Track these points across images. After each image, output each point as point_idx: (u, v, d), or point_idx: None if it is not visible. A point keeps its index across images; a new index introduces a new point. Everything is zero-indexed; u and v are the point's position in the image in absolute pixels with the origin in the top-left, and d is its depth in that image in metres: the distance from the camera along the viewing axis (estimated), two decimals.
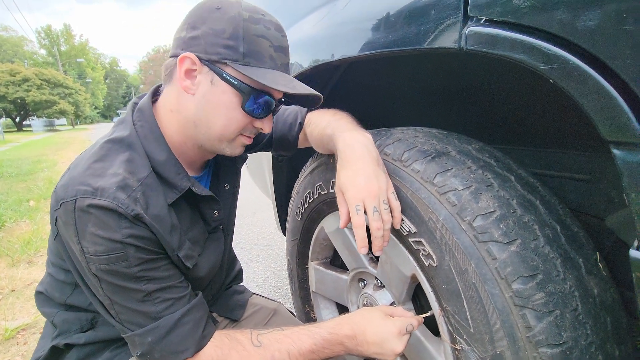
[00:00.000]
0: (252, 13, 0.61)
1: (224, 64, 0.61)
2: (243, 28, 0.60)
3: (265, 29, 0.62)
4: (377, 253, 0.66)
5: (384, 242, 0.65)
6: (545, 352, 0.50)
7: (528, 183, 0.65)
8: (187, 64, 0.61)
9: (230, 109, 0.64)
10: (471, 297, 0.57)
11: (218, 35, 0.60)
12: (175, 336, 0.62)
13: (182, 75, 0.62)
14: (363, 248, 0.65)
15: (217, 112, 0.64)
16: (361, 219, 0.64)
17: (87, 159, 0.62)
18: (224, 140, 0.67)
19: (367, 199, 0.63)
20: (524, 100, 0.80)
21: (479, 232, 0.56)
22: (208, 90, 0.63)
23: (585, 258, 0.58)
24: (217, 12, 0.60)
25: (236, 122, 0.65)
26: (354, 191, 0.64)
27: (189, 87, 0.63)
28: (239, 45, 0.60)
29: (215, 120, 0.65)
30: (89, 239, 0.57)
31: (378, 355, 0.66)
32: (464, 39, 0.50)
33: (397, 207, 0.66)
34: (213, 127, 0.65)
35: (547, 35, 0.42)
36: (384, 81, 1.09)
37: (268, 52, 0.62)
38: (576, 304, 0.53)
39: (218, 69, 0.61)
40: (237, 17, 0.60)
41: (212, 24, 0.60)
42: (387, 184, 0.66)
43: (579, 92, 0.39)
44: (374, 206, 0.63)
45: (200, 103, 0.64)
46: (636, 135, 0.36)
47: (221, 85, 0.62)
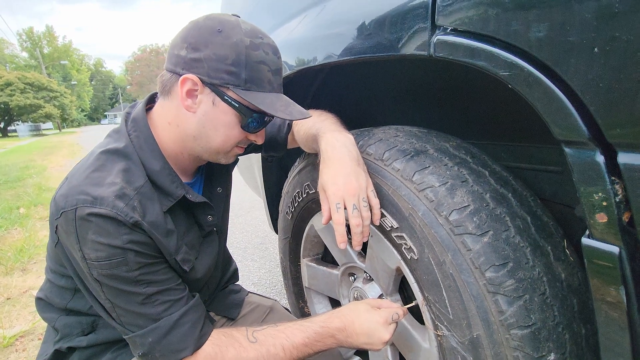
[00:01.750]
0: (253, 38, 0.64)
1: (226, 88, 0.64)
2: (245, 55, 0.63)
3: (264, 54, 0.65)
4: (356, 248, 0.70)
5: (363, 237, 0.69)
6: (517, 334, 0.55)
7: (501, 177, 0.69)
8: (189, 85, 0.64)
9: (229, 128, 0.68)
10: (449, 286, 0.61)
11: (221, 61, 0.62)
12: (174, 336, 0.65)
13: (184, 95, 0.65)
14: (342, 243, 0.69)
15: (217, 130, 0.68)
16: (341, 216, 0.68)
17: (85, 169, 0.64)
18: (221, 152, 0.72)
19: (347, 197, 0.67)
20: (497, 97, 0.84)
21: (454, 226, 0.60)
22: (209, 110, 0.66)
23: (553, 246, 0.62)
24: (219, 35, 0.63)
25: (234, 138, 0.70)
26: (334, 189, 0.68)
27: (190, 106, 0.66)
28: (241, 72, 0.63)
29: (214, 136, 0.69)
30: (90, 246, 0.60)
31: (367, 345, 0.70)
32: (433, 46, 0.54)
33: (376, 204, 0.70)
34: (212, 142, 0.69)
35: (505, 44, 0.45)
36: (365, 83, 1.13)
37: (267, 77, 0.66)
38: (544, 288, 0.57)
39: (220, 92, 0.65)
40: (240, 44, 0.63)
41: (215, 49, 0.62)
42: (366, 182, 0.70)
43: (533, 97, 0.43)
44: (354, 204, 0.67)
45: (200, 121, 0.67)
46: (583, 135, 0.40)
47: (222, 107, 0.66)
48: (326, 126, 0.80)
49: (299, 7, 0.97)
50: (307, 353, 0.70)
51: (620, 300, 0.41)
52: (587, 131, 0.39)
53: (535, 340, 0.54)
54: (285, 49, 1.00)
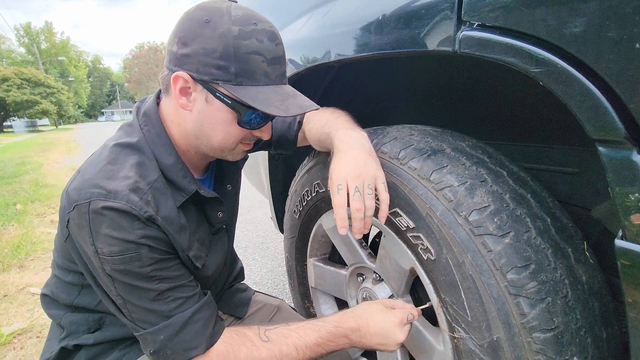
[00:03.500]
0: (243, 26, 0.59)
1: (217, 84, 0.60)
2: (234, 46, 0.58)
3: (257, 43, 0.60)
4: (355, 235, 0.66)
5: (363, 227, 0.65)
6: (539, 337, 0.54)
7: (519, 178, 0.68)
8: (181, 83, 0.61)
9: (226, 125, 0.65)
10: (468, 287, 0.60)
11: (209, 55, 0.59)
12: (186, 334, 0.63)
13: (178, 93, 0.62)
14: (343, 229, 0.65)
15: (215, 128, 0.65)
16: (342, 198, 0.64)
17: (97, 162, 0.63)
18: (224, 150, 0.69)
19: (350, 179, 0.64)
20: (515, 97, 0.84)
21: (474, 226, 0.59)
22: (204, 108, 0.63)
23: (574, 248, 0.62)
24: (207, 27, 0.59)
25: (234, 135, 0.66)
26: (337, 173, 0.66)
27: (185, 105, 0.64)
28: (230, 66, 0.59)
29: (213, 134, 0.66)
30: (103, 240, 0.58)
31: (381, 345, 0.69)
32: (458, 42, 0.53)
33: (385, 199, 0.66)
34: (212, 140, 0.67)
35: (536, 40, 0.44)
36: (377, 80, 1.11)
37: (261, 68, 0.61)
38: (566, 290, 0.56)
39: (212, 88, 0.61)
40: (227, 35, 0.58)
41: (202, 42, 0.59)
42: (377, 173, 0.67)
43: (566, 94, 0.42)
44: (356, 186, 0.64)
45: (197, 119, 0.65)
46: (619, 134, 0.39)
47: (215, 104, 0.62)
48: (339, 124, 0.79)
49: (310, 5, 0.96)
50: (320, 353, 0.69)
51: None
52: (625, 130, 0.38)
53: (558, 344, 0.53)
54: (294, 46, 0.99)
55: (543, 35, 0.43)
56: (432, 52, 0.57)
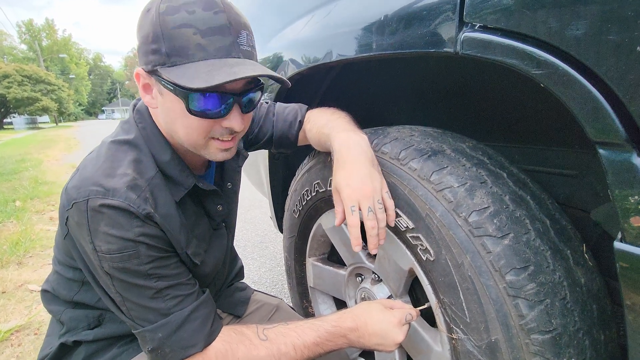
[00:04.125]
0: (171, 1, 0.54)
1: (157, 71, 0.56)
2: (160, 24, 0.54)
3: (187, 14, 0.53)
4: (372, 251, 0.69)
5: (379, 240, 0.67)
6: (537, 339, 0.54)
7: (519, 179, 0.68)
8: (141, 79, 0.61)
9: (181, 117, 0.59)
10: (467, 288, 0.60)
11: (145, 42, 0.56)
12: (185, 331, 0.63)
13: (142, 92, 0.62)
14: (357, 247, 0.68)
15: (175, 121, 0.61)
16: (356, 219, 0.67)
17: (96, 160, 0.63)
18: (196, 147, 0.63)
19: (362, 199, 0.66)
20: (515, 99, 0.84)
21: (474, 227, 0.59)
22: (161, 102, 0.61)
23: (573, 250, 0.62)
24: (146, 15, 0.56)
25: (195, 128, 0.60)
26: (349, 191, 0.67)
27: (150, 103, 0.63)
28: (162, 46, 0.54)
29: (176, 129, 0.62)
30: (101, 238, 0.58)
31: (380, 346, 0.69)
32: (460, 43, 0.53)
33: (390, 205, 0.69)
34: (179, 136, 0.63)
35: (538, 42, 0.44)
36: (379, 81, 1.12)
37: (193, 41, 0.54)
38: (565, 293, 0.56)
39: (158, 77, 0.57)
40: (154, 14, 0.54)
41: (141, 31, 0.57)
42: (381, 184, 0.68)
43: (567, 96, 0.42)
44: (369, 206, 0.66)
45: (162, 115, 0.64)
46: (620, 136, 0.39)
47: (166, 94, 0.59)
48: (339, 125, 0.79)
49: (312, 5, 0.96)
50: (318, 353, 0.69)
51: None
52: (625, 132, 0.39)
53: (556, 346, 0.53)
54: (295, 46, 0.99)
55: (545, 37, 0.43)
56: (434, 53, 0.57)
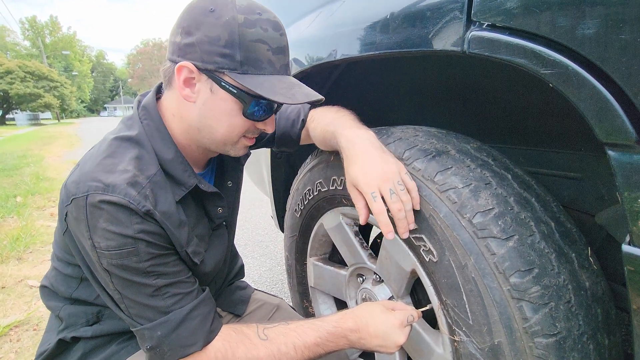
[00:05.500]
0: (248, 14, 0.59)
1: (222, 73, 0.60)
2: (239, 34, 0.58)
3: (262, 31, 0.59)
4: (403, 235, 0.66)
5: (408, 223, 0.65)
6: (541, 342, 0.53)
7: (524, 181, 0.68)
8: (185, 73, 0.61)
9: (231, 116, 0.64)
10: (470, 290, 0.60)
11: (214, 43, 0.58)
12: (184, 330, 0.63)
13: (182, 84, 0.62)
14: (390, 233, 0.65)
15: (219, 119, 0.64)
16: (380, 205, 0.64)
17: (96, 156, 0.63)
18: (227, 144, 0.68)
19: (382, 183, 0.64)
20: (520, 101, 0.83)
21: (478, 229, 0.59)
22: (208, 98, 0.62)
23: (577, 253, 0.61)
24: (211, 15, 0.58)
25: (238, 127, 0.65)
26: (366, 180, 0.65)
27: (189, 96, 0.63)
28: (236, 54, 0.58)
29: (217, 126, 0.65)
30: (100, 234, 0.58)
31: (381, 347, 0.69)
32: (467, 42, 0.52)
33: (413, 186, 0.65)
34: (216, 133, 0.66)
35: (547, 41, 0.44)
36: (383, 80, 1.11)
37: (266, 56, 0.60)
38: (569, 296, 0.56)
39: (217, 77, 0.60)
40: (232, 22, 0.58)
41: (207, 30, 0.58)
42: (398, 167, 0.67)
43: (576, 96, 0.42)
44: (390, 189, 0.64)
45: (201, 111, 0.64)
46: (629, 138, 0.38)
47: (220, 93, 0.61)
48: (344, 123, 0.78)
49: (317, 4, 0.95)
50: (319, 353, 0.69)
51: None
52: (635, 133, 0.38)
53: (560, 350, 0.53)
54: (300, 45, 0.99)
55: (554, 36, 0.43)
56: (441, 52, 0.57)
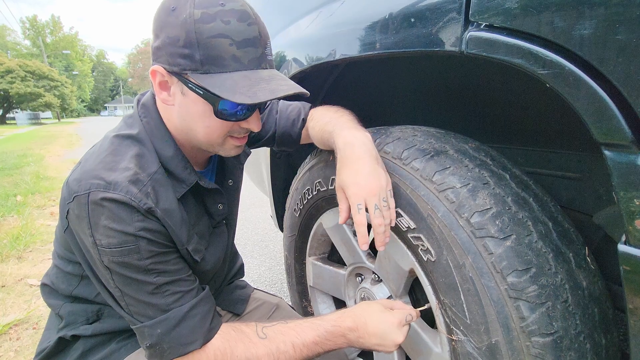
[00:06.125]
0: (207, 8, 0.55)
1: (186, 74, 0.58)
2: (195, 32, 0.55)
3: (223, 25, 0.55)
4: (380, 249, 0.68)
5: (385, 237, 0.67)
6: (538, 341, 0.53)
7: (522, 181, 0.68)
8: (159, 77, 0.60)
9: (205, 117, 0.62)
10: (468, 290, 0.60)
11: (174, 44, 0.56)
12: (184, 328, 0.63)
13: (158, 88, 0.62)
14: (365, 244, 0.67)
15: (195, 122, 0.63)
16: (363, 217, 0.66)
17: (98, 154, 0.63)
18: (212, 145, 0.66)
19: (369, 197, 0.65)
20: (517, 101, 0.83)
21: (476, 228, 0.59)
22: (182, 101, 0.62)
23: (575, 253, 0.61)
24: (172, 14, 0.56)
25: (216, 129, 0.63)
26: (356, 189, 0.66)
27: (166, 99, 0.63)
28: (195, 53, 0.56)
29: (196, 128, 0.64)
30: (102, 232, 0.58)
31: (379, 346, 0.69)
32: (465, 42, 0.53)
33: (392, 204, 0.68)
34: (197, 135, 0.65)
35: (545, 41, 0.44)
36: (382, 81, 1.11)
37: (229, 52, 0.56)
38: (566, 295, 0.56)
39: (184, 79, 0.58)
40: (189, 20, 0.55)
41: (168, 31, 0.57)
42: (386, 182, 0.68)
43: (573, 97, 0.42)
44: (375, 204, 0.65)
45: (179, 113, 0.64)
46: (626, 137, 0.39)
47: (191, 95, 0.60)
48: (343, 123, 0.78)
49: (316, 4, 0.96)
50: (317, 352, 0.69)
51: None
52: (631, 133, 0.38)
53: (557, 349, 0.53)
54: (299, 45, 0.99)
55: (551, 36, 0.43)
56: (439, 52, 0.57)
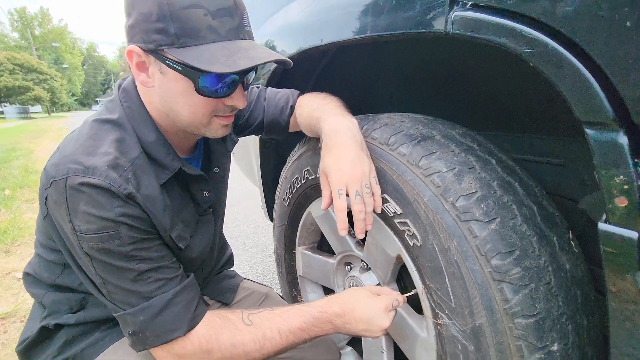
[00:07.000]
0: None
1: (163, 50, 0.55)
2: (168, 4, 0.53)
3: None
4: (359, 236, 0.68)
5: (366, 224, 0.66)
6: (521, 323, 0.54)
7: (508, 166, 0.68)
8: (135, 58, 0.58)
9: (186, 96, 0.59)
10: (453, 273, 0.60)
11: (147, 20, 0.54)
12: (167, 315, 0.62)
13: (136, 70, 0.59)
14: (343, 230, 0.67)
15: (177, 101, 0.60)
16: (343, 202, 0.66)
17: (77, 138, 0.61)
18: (198, 125, 0.64)
19: (350, 183, 0.65)
20: (504, 88, 0.83)
21: (461, 212, 0.59)
22: (162, 81, 0.59)
23: (559, 236, 0.62)
24: None
25: (200, 107, 0.61)
26: (338, 175, 0.66)
27: (145, 81, 0.60)
28: (169, 26, 0.54)
29: (179, 109, 0.61)
30: (81, 218, 0.57)
31: (366, 332, 0.69)
32: (450, 23, 0.52)
33: (377, 191, 0.68)
34: (180, 116, 0.62)
35: (528, 20, 0.44)
36: (371, 68, 1.10)
37: (204, 23, 0.54)
38: (549, 278, 0.56)
39: (161, 57, 0.56)
40: None
41: (140, 7, 0.55)
42: (370, 168, 0.67)
43: (556, 76, 0.42)
44: (357, 190, 0.65)
45: (160, 95, 0.61)
46: (607, 116, 0.39)
47: (170, 73, 0.58)
48: (330, 109, 0.78)
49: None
50: (304, 338, 0.69)
51: (635, 287, 0.40)
52: (613, 111, 0.38)
53: (539, 330, 0.53)
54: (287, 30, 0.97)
55: (535, 14, 0.42)
56: (424, 33, 0.56)
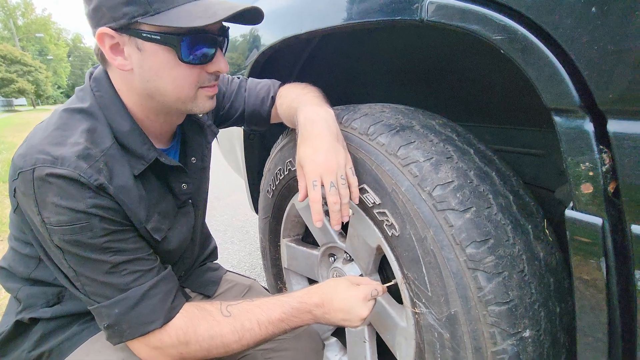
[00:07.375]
0: None
1: (137, 23, 0.54)
2: None
3: None
4: (334, 227, 0.67)
5: (341, 216, 0.66)
6: (494, 310, 0.54)
7: (486, 156, 0.68)
8: (108, 40, 0.56)
9: (170, 68, 0.58)
10: (429, 262, 0.60)
11: None
12: (143, 307, 0.62)
13: (110, 54, 0.58)
14: (319, 222, 0.66)
15: (161, 77, 0.59)
16: (317, 194, 0.65)
17: (45, 128, 0.60)
18: (185, 101, 0.63)
19: (325, 174, 0.64)
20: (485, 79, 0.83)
21: (437, 201, 0.59)
22: (140, 59, 0.57)
23: (534, 225, 0.62)
24: None
25: (186, 78, 0.60)
26: (312, 166, 0.65)
27: (122, 64, 0.59)
28: None
29: (164, 85, 0.60)
30: (50, 209, 0.55)
31: (345, 321, 0.69)
32: (425, 10, 0.52)
33: (354, 182, 0.67)
34: (166, 93, 0.61)
35: (498, 6, 0.43)
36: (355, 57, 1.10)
37: None
38: (523, 266, 0.57)
39: (135, 31, 0.55)
40: None
41: None
42: (345, 160, 0.67)
43: (525, 62, 0.42)
44: (331, 181, 0.64)
45: (141, 75, 0.59)
46: (574, 103, 0.39)
47: (148, 47, 0.56)
48: (307, 99, 0.77)
49: None
50: (283, 329, 0.69)
51: (600, 273, 0.40)
52: (579, 98, 0.38)
53: (511, 317, 0.54)
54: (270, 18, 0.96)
55: (505, 0, 0.42)
56: (400, 21, 0.56)
